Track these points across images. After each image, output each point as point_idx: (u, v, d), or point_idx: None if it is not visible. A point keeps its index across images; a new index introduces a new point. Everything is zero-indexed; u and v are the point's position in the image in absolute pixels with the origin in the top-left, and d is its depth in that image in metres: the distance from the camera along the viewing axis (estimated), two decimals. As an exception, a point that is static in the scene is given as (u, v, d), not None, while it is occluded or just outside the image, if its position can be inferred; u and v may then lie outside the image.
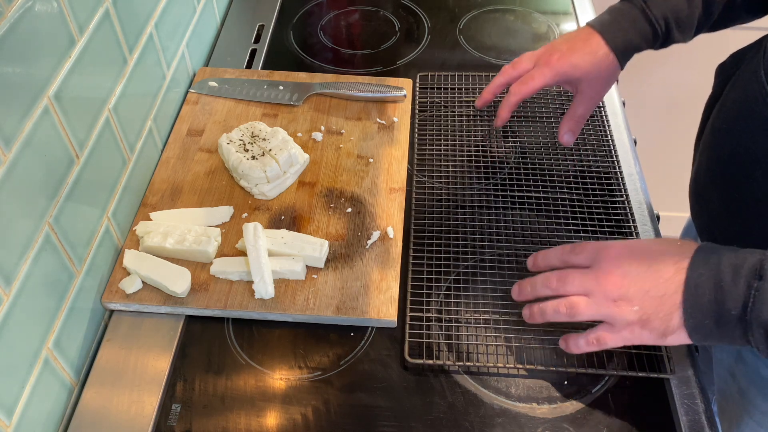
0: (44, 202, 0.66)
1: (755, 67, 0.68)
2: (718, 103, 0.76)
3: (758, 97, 0.66)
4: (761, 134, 0.66)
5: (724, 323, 0.56)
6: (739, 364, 0.80)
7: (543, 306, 0.66)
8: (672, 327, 0.59)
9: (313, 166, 0.90)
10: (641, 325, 0.60)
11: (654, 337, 0.60)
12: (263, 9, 1.19)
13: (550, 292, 0.65)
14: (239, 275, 0.77)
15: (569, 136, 0.84)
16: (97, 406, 0.69)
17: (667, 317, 0.59)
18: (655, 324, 0.59)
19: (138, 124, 0.85)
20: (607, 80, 0.81)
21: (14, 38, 0.59)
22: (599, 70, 0.79)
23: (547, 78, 0.80)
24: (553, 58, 0.80)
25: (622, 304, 0.60)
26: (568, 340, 0.66)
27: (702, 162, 0.78)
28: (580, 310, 0.62)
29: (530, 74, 0.81)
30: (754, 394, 0.79)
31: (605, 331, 0.62)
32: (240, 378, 0.71)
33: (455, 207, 0.86)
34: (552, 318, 0.65)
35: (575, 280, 0.63)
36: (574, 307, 0.62)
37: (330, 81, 1.00)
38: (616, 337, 0.62)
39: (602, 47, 0.79)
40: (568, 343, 0.66)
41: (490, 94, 0.86)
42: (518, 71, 0.83)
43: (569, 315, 0.63)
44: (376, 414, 0.68)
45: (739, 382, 0.81)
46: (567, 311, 0.63)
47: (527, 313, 0.68)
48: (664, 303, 0.59)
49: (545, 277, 0.66)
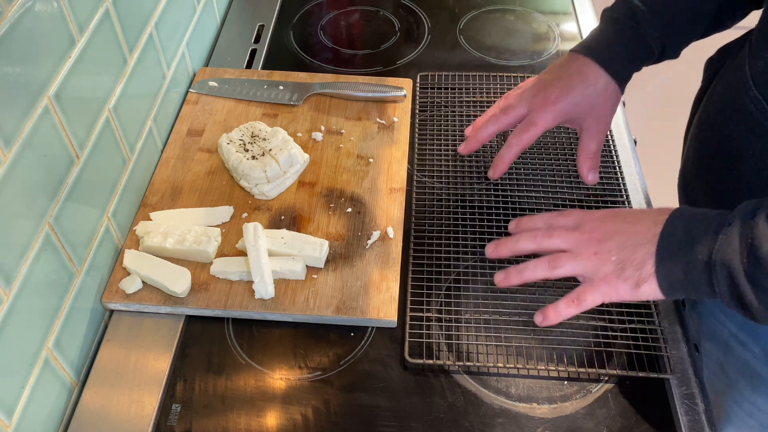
0: (44, 202, 0.66)
1: (740, 61, 0.68)
2: (705, 97, 0.76)
3: (742, 91, 0.66)
4: (744, 128, 0.66)
5: (692, 269, 0.57)
6: (728, 355, 0.80)
7: (521, 265, 0.65)
8: (644, 275, 0.60)
9: (313, 166, 0.90)
10: (617, 274, 0.61)
11: (628, 287, 0.61)
12: (263, 9, 1.19)
13: (533, 245, 0.66)
14: (239, 275, 0.77)
15: (593, 175, 0.78)
16: (97, 406, 0.69)
17: (640, 264, 0.60)
18: (629, 272, 0.60)
19: (138, 124, 0.85)
20: (611, 110, 0.77)
21: (14, 38, 0.59)
22: (603, 103, 0.75)
23: (548, 122, 0.75)
24: (550, 99, 0.74)
25: (602, 255, 0.62)
26: (545, 310, 0.64)
27: (689, 155, 0.78)
28: (561, 262, 0.63)
29: (530, 120, 0.75)
30: (743, 385, 0.79)
31: (585, 288, 0.63)
32: (240, 378, 0.71)
33: (455, 207, 0.86)
34: (532, 274, 0.64)
35: (561, 236, 0.64)
36: (556, 260, 0.63)
37: (330, 81, 1.00)
38: (595, 293, 0.62)
39: (602, 77, 0.74)
40: (546, 313, 0.64)
41: (478, 143, 0.80)
42: (512, 118, 0.77)
43: (551, 267, 0.63)
44: (376, 414, 0.69)
45: (728, 373, 0.81)
46: (549, 264, 0.63)
47: (501, 275, 0.66)
48: (638, 251, 0.60)
49: (531, 232, 0.66)
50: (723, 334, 0.80)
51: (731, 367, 0.81)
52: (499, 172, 0.80)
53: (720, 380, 0.83)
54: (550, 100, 0.74)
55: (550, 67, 0.79)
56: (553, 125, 0.76)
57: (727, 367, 0.81)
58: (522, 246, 0.67)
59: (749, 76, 0.66)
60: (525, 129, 0.76)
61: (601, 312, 0.75)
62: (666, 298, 0.60)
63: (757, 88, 0.64)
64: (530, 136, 0.75)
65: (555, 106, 0.74)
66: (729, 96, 0.69)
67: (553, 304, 0.64)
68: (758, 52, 0.65)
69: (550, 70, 0.78)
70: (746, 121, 0.66)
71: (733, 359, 0.80)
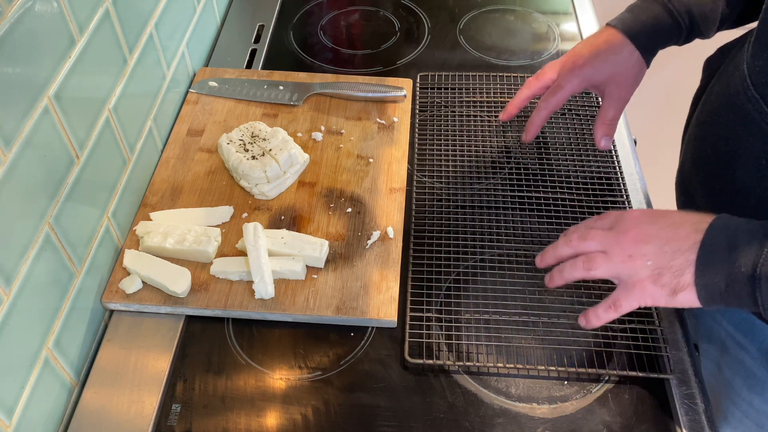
0: (44, 202, 0.66)
1: (739, 61, 0.69)
2: (703, 97, 0.76)
3: (740, 90, 0.66)
4: (741, 127, 0.66)
5: (734, 282, 0.56)
6: (725, 355, 0.80)
7: (561, 265, 0.67)
8: (682, 284, 0.59)
9: (313, 166, 0.90)
10: (653, 280, 0.60)
11: (665, 293, 0.60)
12: (263, 9, 1.19)
13: (570, 250, 0.66)
14: (239, 275, 0.77)
15: (606, 141, 0.83)
16: (97, 406, 0.69)
17: (679, 273, 0.59)
18: (666, 279, 0.59)
19: (138, 124, 0.85)
20: (634, 79, 0.80)
21: (14, 38, 0.59)
22: (625, 71, 0.79)
23: (574, 86, 0.80)
24: (577, 64, 0.80)
25: (636, 259, 0.61)
26: (587, 314, 0.66)
27: (687, 154, 0.78)
28: (596, 264, 0.63)
29: (557, 84, 0.81)
30: (740, 386, 0.79)
31: (619, 293, 0.63)
32: (240, 378, 0.71)
33: (455, 207, 0.86)
34: (569, 274, 0.65)
35: (595, 237, 0.64)
36: (590, 261, 0.63)
37: (330, 81, 1.00)
38: (630, 299, 0.62)
39: (626, 47, 0.78)
40: (588, 317, 0.66)
41: (515, 108, 0.86)
42: (543, 82, 0.83)
43: (586, 269, 0.64)
44: (376, 414, 0.69)
45: (724, 373, 0.81)
46: (584, 265, 0.64)
47: (548, 278, 0.69)
48: (677, 258, 0.59)
49: (567, 237, 0.67)
50: (720, 334, 0.80)
51: (728, 367, 0.81)
52: (531, 135, 0.86)
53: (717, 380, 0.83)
54: (578, 65, 0.80)
55: (586, 38, 0.83)
56: (579, 89, 0.81)
57: (724, 368, 0.81)
58: (560, 252, 0.68)
59: (747, 75, 0.66)
60: (552, 93, 0.81)
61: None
62: (704, 307, 0.59)
63: (755, 89, 0.64)
64: (557, 100, 0.81)
65: (581, 70, 0.79)
66: (727, 96, 0.69)
67: (593, 309, 0.65)
68: (757, 52, 0.65)
69: (584, 41, 0.83)
70: (744, 121, 0.66)
71: (729, 360, 0.80)
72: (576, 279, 0.66)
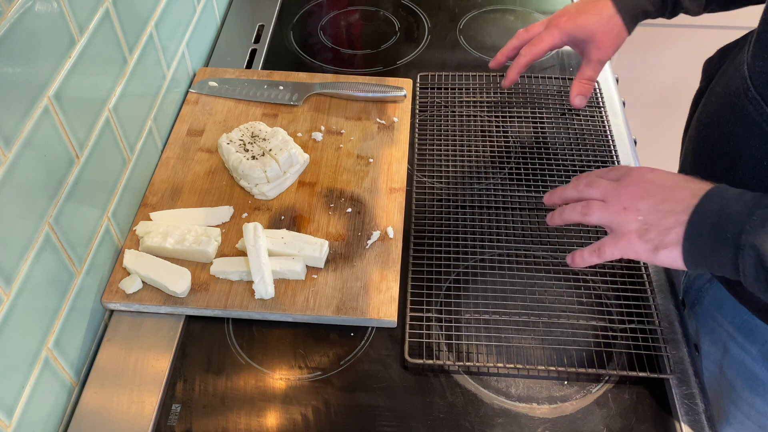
0: (44, 202, 0.66)
1: (739, 62, 0.69)
2: (704, 97, 0.77)
3: (741, 92, 0.67)
4: (742, 128, 0.66)
5: (719, 246, 0.57)
6: (726, 357, 0.80)
7: (561, 207, 0.69)
8: (667, 241, 0.60)
9: (313, 166, 0.90)
10: (639, 234, 0.61)
11: (647, 249, 0.61)
12: (263, 9, 1.19)
13: (576, 193, 0.68)
14: (239, 275, 0.77)
15: (580, 99, 0.87)
16: (97, 406, 0.69)
17: (666, 231, 0.60)
18: (651, 235, 0.60)
19: (138, 124, 0.85)
20: (612, 42, 0.83)
21: (14, 38, 0.59)
22: (606, 32, 0.82)
23: (555, 39, 0.84)
24: (562, 20, 0.84)
25: (630, 212, 0.62)
26: (573, 254, 0.68)
27: (687, 155, 0.79)
28: (592, 210, 0.65)
29: (540, 36, 0.85)
30: (741, 387, 0.79)
31: (606, 241, 0.64)
32: (240, 378, 0.71)
33: (455, 207, 0.86)
34: (568, 216, 0.68)
35: (599, 186, 0.66)
36: (588, 207, 0.65)
37: (330, 81, 1.00)
38: (614, 247, 0.63)
39: (609, 9, 0.82)
40: (574, 257, 0.68)
41: (503, 56, 0.90)
42: (530, 34, 0.87)
43: (582, 213, 0.66)
44: (376, 414, 0.69)
45: (726, 374, 0.81)
46: (581, 210, 0.66)
47: (549, 216, 0.71)
48: (668, 218, 0.60)
49: (576, 181, 0.69)
50: (721, 335, 0.80)
51: (729, 368, 0.81)
52: (510, 81, 0.90)
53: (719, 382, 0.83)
54: (562, 21, 0.85)
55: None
56: (560, 43, 0.85)
57: (725, 369, 0.81)
58: (567, 193, 0.70)
59: (748, 77, 0.66)
60: (534, 44, 0.86)
61: (601, 312, 0.75)
62: (688, 269, 0.61)
63: (756, 90, 0.64)
64: (537, 50, 0.85)
65: (564, 26, 0.84)
66: (727, 97, 0.70)
67: (579, 251, 0.67)
68: (758, 53, 0.65)
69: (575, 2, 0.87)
70: (745, 122, 0.66)
71: (730, 360, 0.80)
72: (573, 221, 0.68)
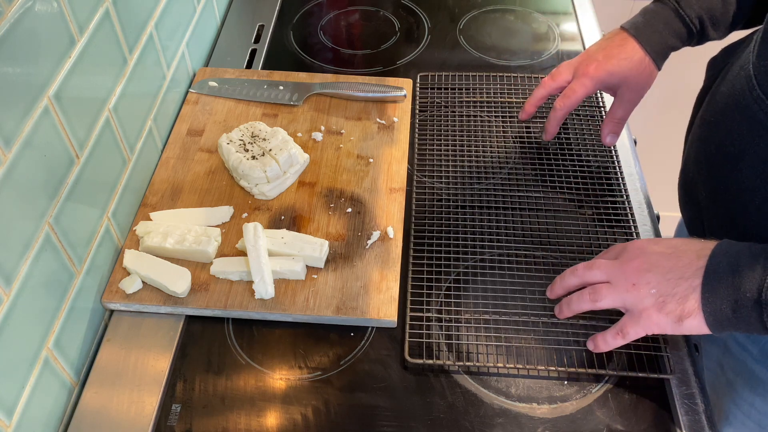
0: (44, 202, 0.66)
1: (744, 61, 0.69)
2: (708, 96, 0.77)
3: (745, 91, 0.66)
4: (747, 127, 0.66)
5: (740, 307, 0.57)
6: (727, 356, 0.80)
7: (569, 297, 0.69)
8: (688, 310, 0.59)
9: (313, 166, 0.90)
10: (658, 308, 0.61)
11: (671, 321, 0.60)
12: (263, 9, 1.19)
13: (577, 279, 0.68)
14: (239, 275, 0.77)
15: (612, 138, 0.88)
16: (97, 406, 0.69)
17: (683, 299, 0.59)
18: (671, 306, 0.60)
19: (138, 124, 0.85)
20: (645, 83, 0.83)
21: (14, 38, 0.59)
22: (637, 75, 0.81)
23: (588, 88, 0.83)
24: (591, 67, 0.82)
25: (640, 287, 0.62)
26: (595, 339, 0.68)
27: (690, 154, 0.79)
28: (601, 294, 0.64)
29: (571, 87, 0.84)
30: (741, 386, 0.79)
31: (626, 321, 0.64)
32: (240, 378, 0.71)
33: (455, 207, 0.86)
34: (577, 306, 0.67)
35: (600, 267, 0.66)
36: (596, 293, 0.65)
37: (330, 81, 1.00)
38: (636, 327, 0.63)
39: (638, 52, 0.80)
40: (597, 342, 0.68)
41: (532, 107, 0.89)
42: (558, 83, 0.86)
43: (592, 300, 0.65)
44: (376, 414, 0.69)
45: (726, 374, 0.81)
46: (590, 297, 0.66)
47: (557, 309, 0.71)
48: (681, 285, 0.60)
49: (574, 268, 0.69)
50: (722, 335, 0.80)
51: (730, 368, 0.81)
52: (551, 135, 0.89)
53: (719, 381, 0.83)
54: (591, 69, 0.82)
55: (599, 40, 0.86)
56: (592, 91, 0.84)
57: (726, 369, 0.81)
58: (567, 282, 0.70)
59: (753, 76, 0.66)
60: (567, 95, 0.84)
61: (601, 312, 0.75)
62: (713, 333, 0.60)
63: (761, 89, 0.64)
64: (572, 102, 0.84)
65: (595, 74, 0.82)
66: (732, 96, 0.69)
67: (602, 334, 0.67)
68: (763, 52, 0.65)
69: (598, 42, 0.85)
70: (749, 121, 0.66)
71: (731, 360, 0.80)
72: (583, 311, 0.68)
